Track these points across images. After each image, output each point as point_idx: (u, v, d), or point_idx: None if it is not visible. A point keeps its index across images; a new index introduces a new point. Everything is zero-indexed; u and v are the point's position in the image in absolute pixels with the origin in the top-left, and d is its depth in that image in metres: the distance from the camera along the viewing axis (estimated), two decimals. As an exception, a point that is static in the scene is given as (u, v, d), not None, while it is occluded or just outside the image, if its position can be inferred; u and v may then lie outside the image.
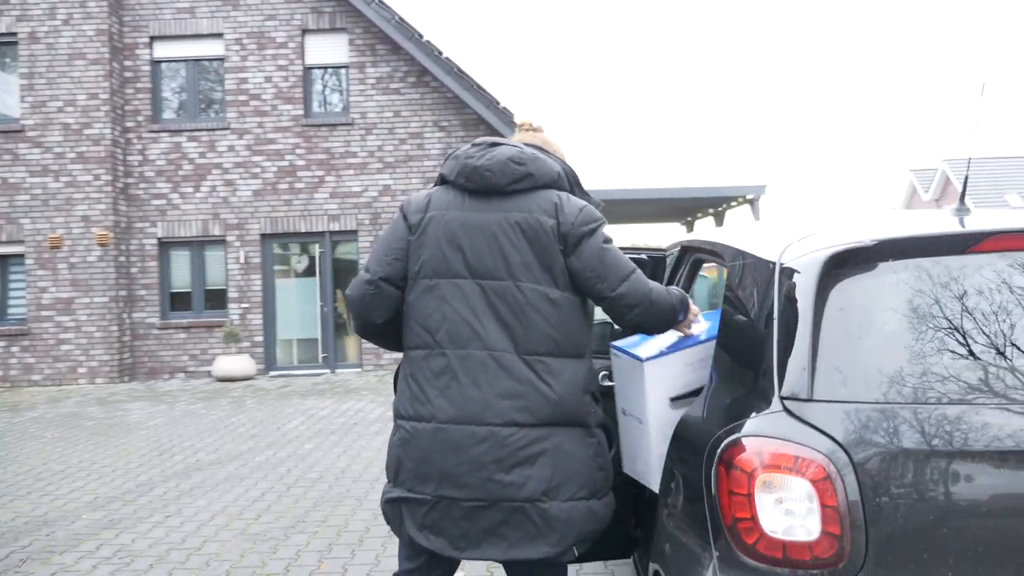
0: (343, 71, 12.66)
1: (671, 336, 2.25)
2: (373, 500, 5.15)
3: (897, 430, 1.62)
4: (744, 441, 1.70)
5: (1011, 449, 1.59)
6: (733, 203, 15.80)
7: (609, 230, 2.19)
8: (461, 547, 2.05)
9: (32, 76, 12.09)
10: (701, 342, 2.21)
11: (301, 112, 12.49)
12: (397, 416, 2.14)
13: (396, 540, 2.24)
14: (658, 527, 2.11)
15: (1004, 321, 1.70)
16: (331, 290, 12.55)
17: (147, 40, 12.51)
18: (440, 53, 12.05)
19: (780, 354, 1.77)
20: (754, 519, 1.64)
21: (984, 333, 1.70)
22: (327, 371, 12.39)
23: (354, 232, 12.52)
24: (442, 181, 2.22)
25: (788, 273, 1.84)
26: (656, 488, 2.16)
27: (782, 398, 1.72)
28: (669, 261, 3.11)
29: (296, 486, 5.61)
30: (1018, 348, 1.68)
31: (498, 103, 12.05)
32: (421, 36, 12.04)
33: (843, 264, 1.79)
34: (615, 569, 3.77)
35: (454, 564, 2.21)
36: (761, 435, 1.69)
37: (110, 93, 12.06)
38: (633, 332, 2.21)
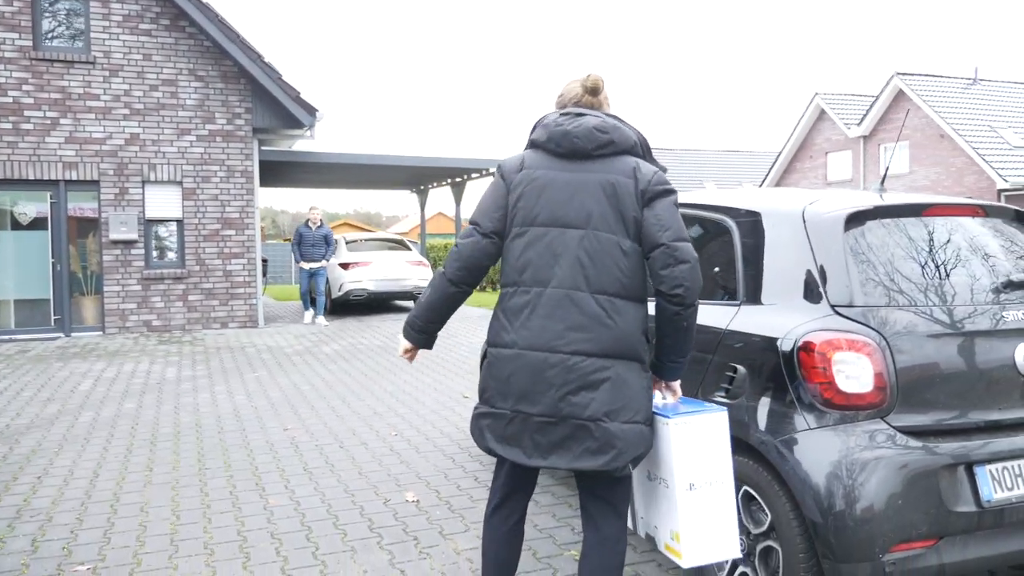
0: (79, 3, 11.42)
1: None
2: (259, 442, 5.30)
3: (906, 320, 2.62)
4: (816, 335, 2.60)
5: (976, 329, 2.65)
6: (474, 175, 16.96)
7: None
8: (533, 457, 2.33)
9: None
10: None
11: (29, 43, 11.07)
12: (489, 343, 2.46)
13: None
14: (739, 405, 2.77)
15: (949, 252, 2.81)
16: (65, 245, 11.38)
17: None
18: (198, -3, 11.45)
19: (821, 277, 2.70)
20: (830, 382, 2.54)
21: (938, 261, 2.78)
22: (60, 335, 11.27)
23: (95, 183, 11.45)
24: (532, 145, 2.52)
25: (816, 223, 2.78)
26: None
27: (832, 306, 2.65)
28: None
29: (162, 440, 5.50)
30: (959, 267, 2.79)
31: (261, 57, 11.77)
32: (176, -24, 11.32)
33: (854, 219, 2.80)
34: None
35: (534, 477, 2.54)
36: (827, 329, 2.60)
37: None
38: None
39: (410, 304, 15.93)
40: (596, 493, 2.41)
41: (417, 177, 18.00)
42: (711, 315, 3.01)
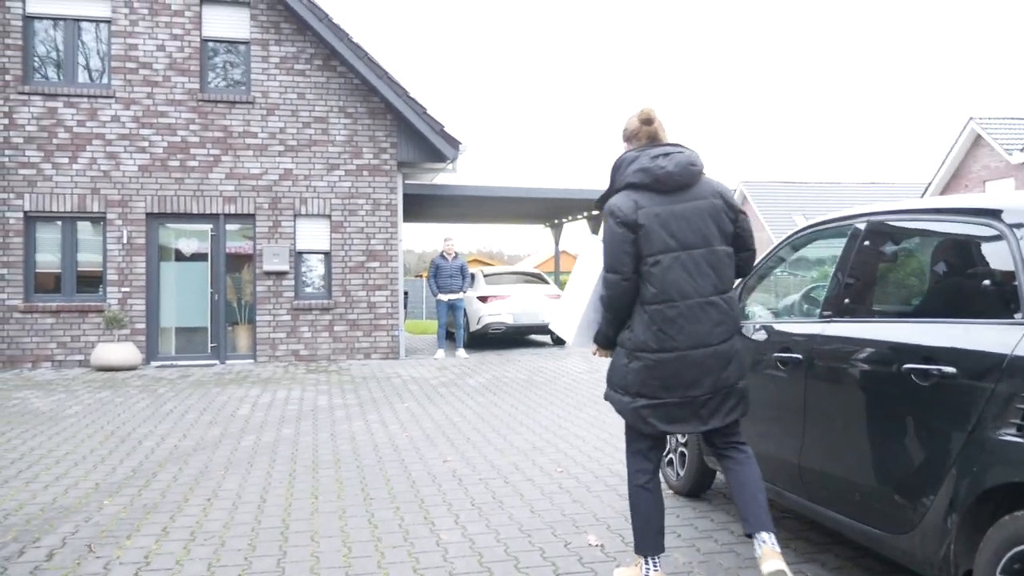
0: (243, 47, 11.99)
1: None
2: (419, 473, 5.07)
3: None
4: None
5: None
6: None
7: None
8: (696, 425, 3.00)
9: None
10: None
11: (196, 86, 11.67)
12: (638, 349, 2.99)
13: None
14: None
15: None
16: (223, 277, 11.80)
17: (15, -10, 11.14)
18: (349, 36, 11.76)
19: None
20: None
21: None
22: (216, 361, 11.64)
23: (251, 216, 11.87)
24: (631, 186, 3.03)
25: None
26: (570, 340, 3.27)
27: None
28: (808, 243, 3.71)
29: (323, 467, 5.37)
30: None
31: (407, 92, 11.95)
32: (329, 17, 11.69)
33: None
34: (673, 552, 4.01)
35: (665, 442, 3.19)
36: None
37: (-29, 45, 10.60)
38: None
39: (547, 339, 15.68)
40: (729, 437, 3.12)
41: (553, 210, 17.80)
42: (980, 337, 2.52)
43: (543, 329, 13.76)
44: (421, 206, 15.79)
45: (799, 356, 3.33)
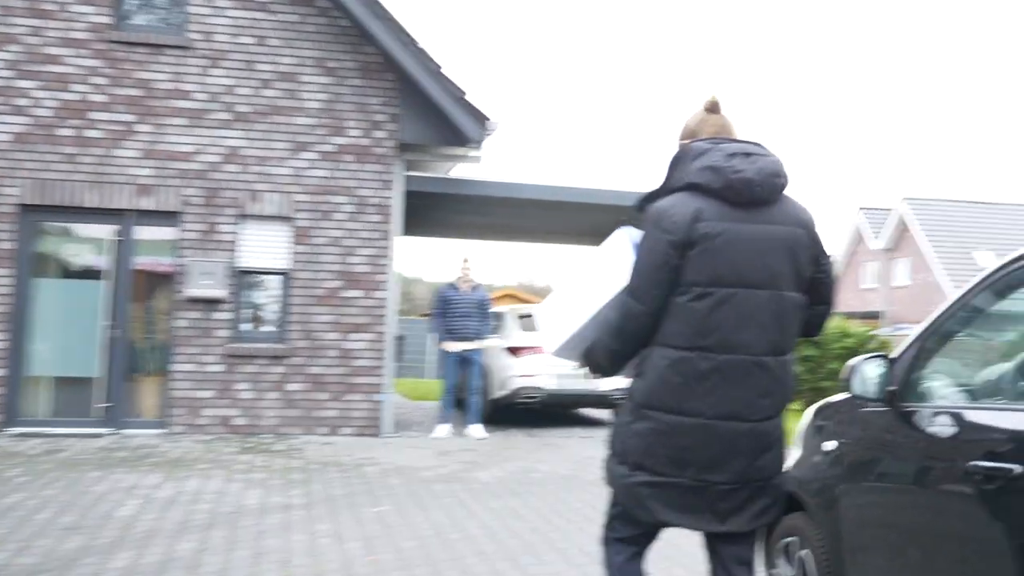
0: (177, -34, 11.83)
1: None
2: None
3: None
4: None
5: None
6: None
7: None
8: (712, 523, 3.19)
9: None
10: None
11: (108, 20, 11.51)
12: (648, 405, 3.18)
13: None
14: None
15: None
16: (126, 304, 11.47)
17: None
18: (334, -42, 11.56)
19: None
20: None
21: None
22: (107, 430, 11.25)
23: (174, 215, 11.63)
24: (694, 188, 3.18)
25: None
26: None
27: None
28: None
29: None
30: None
31: (416, 41, 11.76)
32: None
33: None
34: None
35: (654, 538, 3.43)
36: None
37: None
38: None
39: (605, 415, 15.62)
40: (741, 550, 3.33)
41: (623, 222, 17.31)
42: None
43: (601, 400, 13.71)
44: (431, 210, 15.53)
45: (1018, 468, 3.04)
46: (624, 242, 3.37)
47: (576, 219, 16.21)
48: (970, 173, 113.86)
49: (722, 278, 3.09)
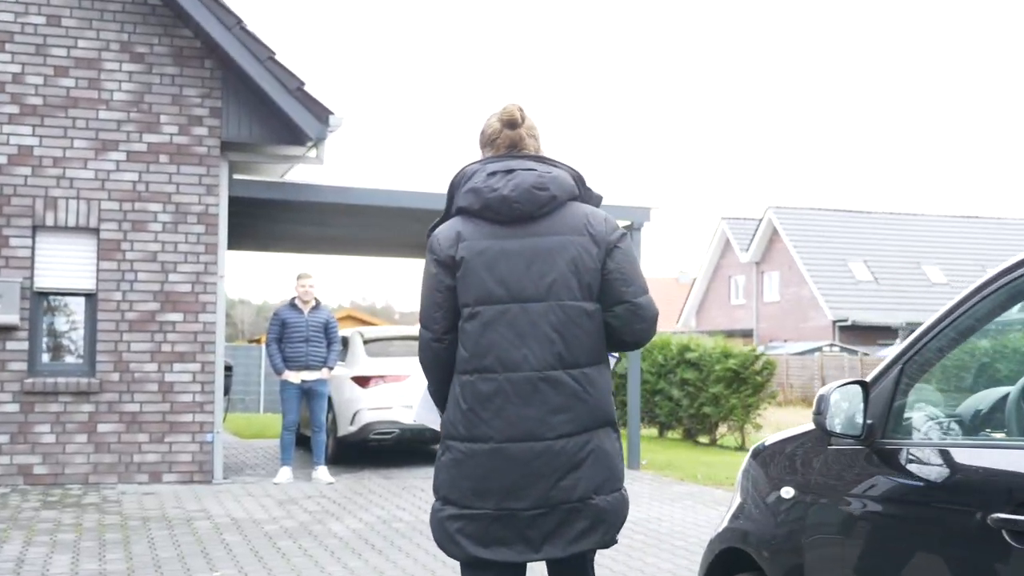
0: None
1: None
2: None
3: None
4: None
5: None
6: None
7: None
8: (525, 553, 3.34)
9: None
10: None
11: None
12: (448, 437, 3.42)
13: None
14: None
15: None
16: None
17: None
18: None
19: None
20: None
21: None
22: None
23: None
24: (461, 212, 3.48)
25: None
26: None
27: None
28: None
29: None
30: None
31: (242, 22, 11.15)
32: None
33: None
34: None
35: (521, 570, 3.48)
36: None
37: None
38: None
39: None
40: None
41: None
42: None
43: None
44: (263, 220, 14.98)
45: None
46: None
47: (415, 226, 15.66)
48: (836, 183, 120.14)
49: (491, 295, 3.31)
